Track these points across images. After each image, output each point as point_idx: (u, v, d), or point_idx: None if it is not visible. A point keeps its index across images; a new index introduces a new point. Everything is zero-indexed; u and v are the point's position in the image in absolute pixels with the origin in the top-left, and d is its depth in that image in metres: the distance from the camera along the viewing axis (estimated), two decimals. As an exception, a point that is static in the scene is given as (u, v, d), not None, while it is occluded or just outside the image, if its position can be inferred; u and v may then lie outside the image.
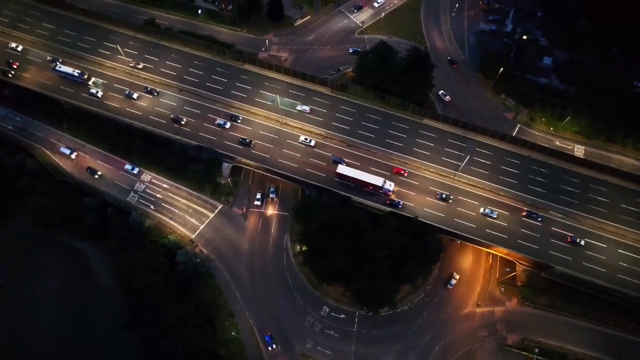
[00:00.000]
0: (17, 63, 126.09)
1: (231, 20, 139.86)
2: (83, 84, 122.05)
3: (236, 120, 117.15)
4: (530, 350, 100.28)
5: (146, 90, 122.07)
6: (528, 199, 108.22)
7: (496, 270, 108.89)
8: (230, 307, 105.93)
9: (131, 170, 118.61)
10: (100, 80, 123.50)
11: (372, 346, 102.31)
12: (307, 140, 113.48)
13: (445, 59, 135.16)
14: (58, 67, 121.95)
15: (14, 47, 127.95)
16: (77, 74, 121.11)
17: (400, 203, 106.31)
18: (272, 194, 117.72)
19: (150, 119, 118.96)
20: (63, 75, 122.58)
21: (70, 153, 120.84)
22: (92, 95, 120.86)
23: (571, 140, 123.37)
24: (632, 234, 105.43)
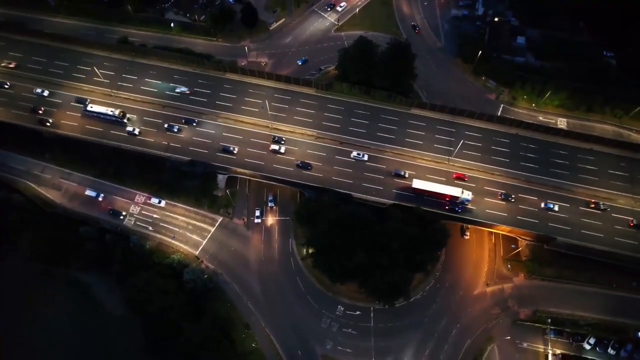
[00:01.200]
0: (42, 108, 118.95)
1: (205, 31, 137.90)
2: (119, 122, 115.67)
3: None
4: (543, 322, 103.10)
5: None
6: (522, 176, 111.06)
7: (500, 249, 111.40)
8: (244, 319, 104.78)
9: (158, 204, 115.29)
10: (135, 116, 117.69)
11: (392, 338, 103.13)
12: (360, 155, 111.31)
13: (423, 48, 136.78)
14: (90, 108, 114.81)
15: (39, 92, 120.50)
16: (111, 112, 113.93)
17: (460, 208, 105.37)
18: (270, 203, 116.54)
19: (136, 139, 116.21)
20: (95, 115, 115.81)
21: (97, 196, 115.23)
22: (130, 133, 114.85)
23: (553, 114, 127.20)
24: (622, 198, 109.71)
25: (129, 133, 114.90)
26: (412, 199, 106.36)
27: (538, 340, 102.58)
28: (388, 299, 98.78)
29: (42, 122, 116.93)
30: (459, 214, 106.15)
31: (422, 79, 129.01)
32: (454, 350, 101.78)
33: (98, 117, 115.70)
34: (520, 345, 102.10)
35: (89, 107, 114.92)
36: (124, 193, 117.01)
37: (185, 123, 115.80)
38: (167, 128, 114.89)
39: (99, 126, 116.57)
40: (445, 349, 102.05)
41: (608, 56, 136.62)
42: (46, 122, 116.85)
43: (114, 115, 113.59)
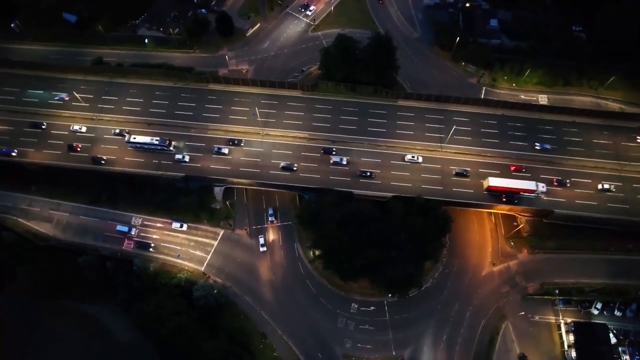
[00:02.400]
0: (80, 145, 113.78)
1: (181, 43, 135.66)
2: (165, 150, 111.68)
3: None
4: (551, 293, 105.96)
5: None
6: (513, 154, 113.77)
7: (501, 228, 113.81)
8: (260, 329, 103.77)
9: (180, 228, 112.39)
10: (182, 142, 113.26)
11: (408, 329, 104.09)
12: (414, 158, 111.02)
13: (400, 39, 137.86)
14: (133, 139, 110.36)
15: (77, 128, 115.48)
16: (157, 142, 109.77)
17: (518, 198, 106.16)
18: (271, 217, 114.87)
19: (125, 160, 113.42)
20: (138, 146, 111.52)
21: (129, 230, 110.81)
22: (179, 161, 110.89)
23: (534, 91, 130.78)
24: (609, 165, 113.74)
25: (178, 161, 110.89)
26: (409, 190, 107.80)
27: (549, 312, 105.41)
28: (402, 290, 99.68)
29: (97, 161, 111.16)
30: (459, 199, 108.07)
31: (404, 70, 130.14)
32: (470, 333, 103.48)
33: (142, 147, 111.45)
34: (533, 319, 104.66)
35: (131, 139, 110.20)
36: (119, 217, 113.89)
37: (233, 144, 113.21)
38: (216, 151, 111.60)
39: (146, 157, 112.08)
40: (461, 333, 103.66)
41: (577, 31, 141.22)
42: (100, 160, 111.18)
43: (160, 144, 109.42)
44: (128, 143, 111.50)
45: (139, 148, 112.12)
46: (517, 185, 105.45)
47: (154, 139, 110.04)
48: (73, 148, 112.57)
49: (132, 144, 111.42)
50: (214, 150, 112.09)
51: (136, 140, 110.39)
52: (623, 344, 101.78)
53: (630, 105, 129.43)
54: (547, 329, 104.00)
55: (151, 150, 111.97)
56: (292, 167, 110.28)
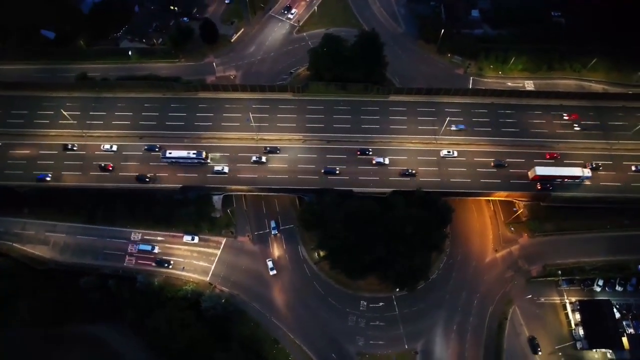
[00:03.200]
0: (111, 164, 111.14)
1: (166, 53, 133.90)
2: (202, 163, 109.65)
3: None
4: (554, 275, 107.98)
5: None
6: (507, 141, 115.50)
7: (500, 214, 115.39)
8: (272, 335, 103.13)
9: (192, 241, 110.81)
10: (218, 154, 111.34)
11: (419, 321, 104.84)
12: (450, 153, 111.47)
13: (385, 35, 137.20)
14: (168, 154, 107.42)
15: (108, 147, 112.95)
16: (194, 155, 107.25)
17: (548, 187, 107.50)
18: (274, 230, 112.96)
19: (119, 175, 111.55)
20: (173, 161, 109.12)
21: (153, 249, 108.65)
22: (219, 172, 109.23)
23: (519, 77, 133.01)
24: (599, 144, 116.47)
25: (218, 173, 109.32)
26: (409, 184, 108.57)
27: (553, 293, 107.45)
28: (411, 283, 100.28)
29: (142, 179, 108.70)
30: (457, 189, 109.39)
31: (392, 66, 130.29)
32: (479, 320, 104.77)
33: (177, 162, 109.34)
34: (539, 301, 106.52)
35: (167, 154, 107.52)
36: (117, 234, 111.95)
37: (270, 152, 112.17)
38: (255, 160, 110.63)
39: (185, 171, 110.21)
40: (470, 321, 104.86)
41: (556, 16, 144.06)
42: (145, 179, 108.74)
43: (198, 157, 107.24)
44: (163, 158, 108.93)
45: (174, 163, 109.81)
46: (564, 173, 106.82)
47: (190, 152, 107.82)
48: (104, 168, 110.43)
49: (167, 159, 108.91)
50: (252, 160, 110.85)
51: (172, 155, 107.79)
52: (626, 318, 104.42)
53: (612, 85, 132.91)
54: (553, 310, 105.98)
55: (188, 164, 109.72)
56: (334, 170, 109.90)
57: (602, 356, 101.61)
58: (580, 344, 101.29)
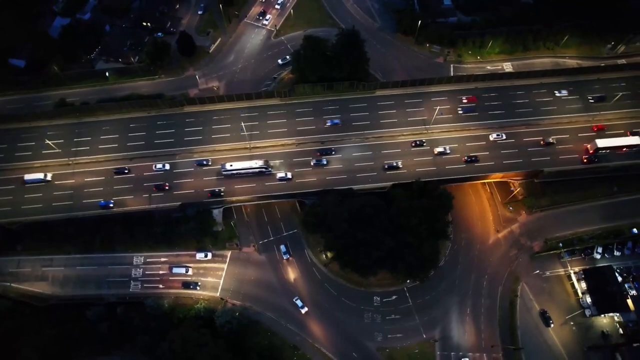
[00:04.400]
0: (167, 184, 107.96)
1: (145, 71, 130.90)
2: (264, 172, 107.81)
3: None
4: (556, 248, 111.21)
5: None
6: (494, 124, 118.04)
7: (497, 195, 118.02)
8: (290, 342, 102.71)
9: (205, 258, 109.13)
10: (277, 161, 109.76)
11: (433, 309, 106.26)
12: (499, 136, 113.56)
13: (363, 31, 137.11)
14: (229, 167, 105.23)
15: (160, 167, 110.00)
16: (256, 165, 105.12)
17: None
18: (285, 255, 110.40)
19: (113, 199, 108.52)
20: (235, 173, 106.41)
21: (187, 270, 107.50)
22: (283, 179, 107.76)
23: (498, 61, 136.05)
24: (581, 118, 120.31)
25: (283, 179, 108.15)
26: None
27: (557, 266, 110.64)
28: (422, 273, 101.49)
29: (216, 194, 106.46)
30: (455, 175, 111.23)
31: (373, 61, 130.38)
32: (491, 301, 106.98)
33: (238, 174, 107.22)
34: (544, 275, 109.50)
35: (227, 166, 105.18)
36: (119, 260, 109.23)
37: (326, 154, 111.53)
38: (315, 163, 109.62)
39: (250, 183, 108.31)
40: (482, 302, 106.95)
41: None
42: (220, 193, 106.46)
43: (262, 166, 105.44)
44: (223, 171, 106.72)
45: (235, 175, 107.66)
46: (624, 142, 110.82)
47: (256, 162, 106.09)
48: (161, 187, 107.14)
49: (227, 172, 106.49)
50: (313, 163, 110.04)
51: (233, 168, 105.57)
52: (628, 281, 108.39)
53: (584, 59, 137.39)
54: (559, 282, 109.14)
55: (249, 175, 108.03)
56: (397, 164, 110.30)
57: (610, 320, 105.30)
58: (589, 311, 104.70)
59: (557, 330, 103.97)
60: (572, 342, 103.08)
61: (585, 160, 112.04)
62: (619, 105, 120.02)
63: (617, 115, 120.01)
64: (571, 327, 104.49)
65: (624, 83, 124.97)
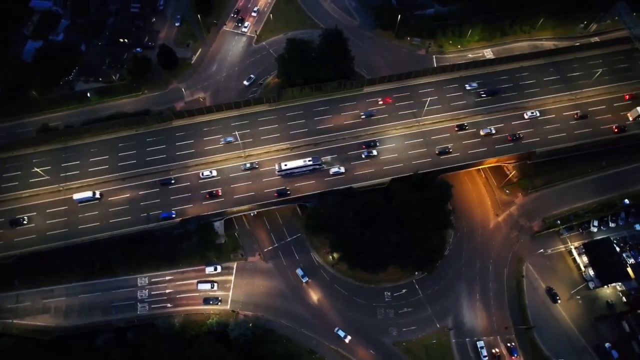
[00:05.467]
0: (219, 190, 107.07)
1: (127, 88, 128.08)
2: (318, 168, 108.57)
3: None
4: (554, 225, 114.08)
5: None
6: (482, 110, 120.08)
7: (493, 180, 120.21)
8: (307, 347, 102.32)
9: (214, 272, 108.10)
10: (328, 157, 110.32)
11: (443, 298, 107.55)
12: (533, 113, 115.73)
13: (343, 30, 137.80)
14: (284, 167, 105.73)
15: (208, 174, 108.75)
16: (310, 162, 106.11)
17: None
18: (304, 279, 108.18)
19: (110, 223, 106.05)
20: (289, 172, 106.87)
21: (213, 286, 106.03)
22: (337, 174, 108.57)
23: (478, 48, 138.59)
24: (564, 97, 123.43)
25: (337, 174, 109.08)
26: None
27: (557, 243, 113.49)
28: (430, 264, 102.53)
29: (283, 193, 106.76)
30: (450, 164, 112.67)
31: (357, 58, 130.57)
32: (498, 284, 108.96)
33: (293, 173, 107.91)
34: (546, 253, 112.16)
35: (283, 166, 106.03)
36: (122, 283, 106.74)
37: (370, 146, 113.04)
38: (365, 155, 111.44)
39: (308, 180, 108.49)
40: (490, 286, 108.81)
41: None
42: (287, 191, 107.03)
43: (315, 162, 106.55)
44: (279, 172, 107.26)
45: (289, 174, 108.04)
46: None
47: (307, 160, 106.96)
48: (214, 195, 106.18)
49: (283, 172, 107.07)
50: (364, 155, 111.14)
51: (288, 167, 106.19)
52: (625, 250, 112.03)
53: (560, 40, 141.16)
54: (561, 258, 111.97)
55: (303, 173, 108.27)
56: (447, 149, 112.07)
57: (613, 290, 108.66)
58: (592, 284, 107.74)
59: (565, 305, 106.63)
60: (580, 315, 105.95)
61: (616, 130, 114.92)
62: (598, 81, 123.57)
63: (598, 91, 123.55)
64: (577, 301, 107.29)
65: (601, 60, 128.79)
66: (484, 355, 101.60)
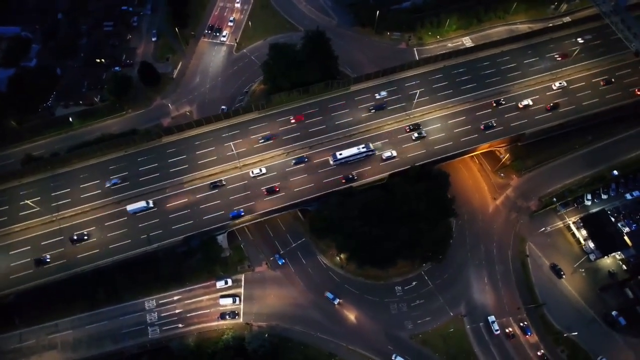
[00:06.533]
0: (277, 186, 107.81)
1: (110, 109, 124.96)
2: (370, 154, 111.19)
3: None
4: (550, 203, 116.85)
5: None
6: (469, 98, 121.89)
7: (486, 165, 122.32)
8: (325, 351, 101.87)
9: (225, 285, 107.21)
10: (378, 142, 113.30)
11: (453, 286, 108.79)
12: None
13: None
14: (339, 156, 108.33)
15: (257, 172, 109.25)
16: (364, 148, 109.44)
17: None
18: (335, 300, 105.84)
19: (110, 248, 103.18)
20: (344, 161, 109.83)
21: (234, 301, 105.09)
22: (389, 158, 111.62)
23: (457, 37, 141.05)
24: (545, 77, 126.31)
25: (389, 158, 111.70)
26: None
27: (555, 220, 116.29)
28: (438, 254, 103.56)
29: (349, 179, 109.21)
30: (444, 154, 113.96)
31: (340, 57, 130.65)
32: (504, 266, 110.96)
33: (347, 161, 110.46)
34: (546, 231, 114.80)
35: (338, 155, 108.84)
36: (130, 308, 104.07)
37: (414, 130, 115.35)
38: (415, 137, 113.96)
39: (356, 168, 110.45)
40: (497, 269, 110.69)
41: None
42: (354, 178, 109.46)
43: (369, 150, 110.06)
44: (335, 161, 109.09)
45: (344, 162, 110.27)
46: None
47: (360, 147, 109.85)
48: (272, 190, 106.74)
49: (338, 161, 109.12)
50: (413, 137, 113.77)
51: (343, 156, 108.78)
52: (620, 220, 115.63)
53: (534, 22, 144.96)
54: (561, 234, 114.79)
55: (357, 160, 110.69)
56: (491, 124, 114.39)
57: (613, 260, 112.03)
58: (593, 256, 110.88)
59: (570, 280, 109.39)
60: (585, 287, 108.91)
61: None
62: (575, 60, 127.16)
63: (577, 69, 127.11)
64: (581, 274, 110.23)
65: (574, 39, 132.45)
66: (495, 329, 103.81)
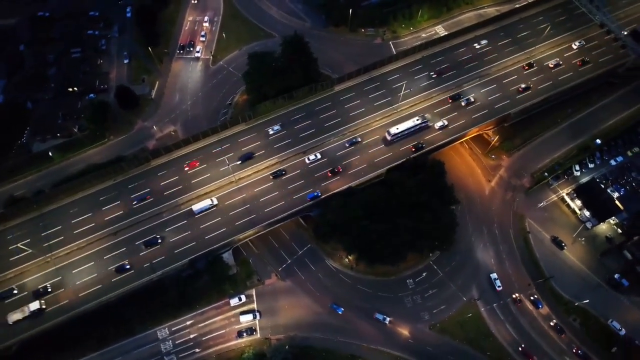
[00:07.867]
0: (340, 167, 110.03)
1: (91, 138, 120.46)
2: (424, 127, 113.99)
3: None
4: (542, 179, 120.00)
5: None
6: (451, 85, 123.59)
7: (477, 149, 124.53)
8: (347, 353, 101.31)
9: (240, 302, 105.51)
10: (428, 114, 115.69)
11: (462, 272, 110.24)
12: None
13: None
14: (396, 130, 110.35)
15: (313, 158, 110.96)
16: (419, 121, 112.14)
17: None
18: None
19: (112, 282, 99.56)
20: (400, 136, 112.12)
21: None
22: (442, 127, 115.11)
23: (430, 27, 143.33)
24: (519, 57, 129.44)
25: (442, 127, 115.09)
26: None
27: (549, 194, 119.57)
28: (446, 242, 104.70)
29: (420, 147, 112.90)
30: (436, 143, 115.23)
31: (319, 60, 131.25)
32: (509, 246, 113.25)
33: (403, 135, 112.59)
34: (542, 206, 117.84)
35: (393, 130, 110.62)
36: (142, 340, 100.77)
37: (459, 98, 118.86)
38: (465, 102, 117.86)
39: (410, 142, 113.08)
40: (502, 249, 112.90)
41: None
42: (422, 145, 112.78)
43: (423, 122, 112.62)
44: (391, 136, 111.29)
45: (400, 137, 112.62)
46: None
47: (415, 119, 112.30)
48: (335, 171, 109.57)
49: (394, 136, 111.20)
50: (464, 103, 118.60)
51: (400, 130, 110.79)
52: (609, 186, 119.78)
53: (501, 5, 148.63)
54: (556, 207, 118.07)
55: (411, 133, 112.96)
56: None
57: (608, 225, 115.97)
58: (589, 224, 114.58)
59: (571, 250, 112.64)
60: (587, 255, 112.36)
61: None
62: (546, 37, 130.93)
63: (548, 46, 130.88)
64: (581, 243, 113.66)
65: (541, 17, 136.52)
66: (497, 285, 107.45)
